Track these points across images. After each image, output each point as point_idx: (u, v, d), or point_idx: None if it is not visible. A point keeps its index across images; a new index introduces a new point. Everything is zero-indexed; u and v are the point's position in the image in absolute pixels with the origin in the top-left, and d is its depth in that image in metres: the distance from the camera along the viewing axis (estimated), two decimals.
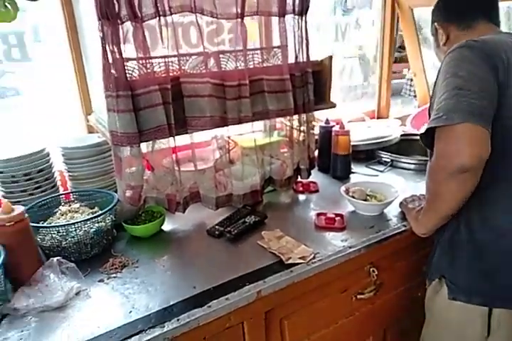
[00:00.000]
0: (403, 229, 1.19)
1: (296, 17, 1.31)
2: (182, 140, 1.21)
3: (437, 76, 1.03)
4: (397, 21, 2.23)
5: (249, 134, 1.35)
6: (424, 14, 2.38)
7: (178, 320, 0.83)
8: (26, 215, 0.97)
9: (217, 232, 1.16)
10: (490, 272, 1.01)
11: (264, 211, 1.31)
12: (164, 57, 1.14)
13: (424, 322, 1.21)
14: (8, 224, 0.92)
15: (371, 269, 1.17)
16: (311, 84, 1.40)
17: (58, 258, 0.97)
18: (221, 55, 1.23)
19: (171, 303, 0.88)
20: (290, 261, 1.02)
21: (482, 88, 0.91)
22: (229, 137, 1.34)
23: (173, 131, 1.15)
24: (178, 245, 1.15)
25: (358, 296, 1.18)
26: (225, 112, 1.24)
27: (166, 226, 1.24)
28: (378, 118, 2.25)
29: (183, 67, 1.20)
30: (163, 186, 1.22)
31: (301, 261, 1.03)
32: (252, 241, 1.13)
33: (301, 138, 1.46)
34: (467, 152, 0.87)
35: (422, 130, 1.01)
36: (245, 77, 1.23)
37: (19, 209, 0.96)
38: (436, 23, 1.19)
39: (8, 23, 0.93)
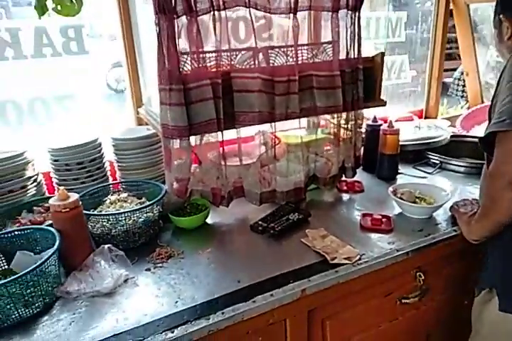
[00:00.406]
0: (454, 233, 1.14)
1: (350, 12, 1.27)
2: (228, 134, 1.22)
3: (500, 77, 0.97)
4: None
5: (294, 131, 1.34)
6: (481, 10, 2.27)
7: (223, 313, 0.84)
8: (80, 203, 1.01)
9: (260, 228, 1.16)
10: None
11: (307, 209, 1.30)
12: (215, 51, 1.14)
13: (470, 331, 1.16)
14: (64, 210, 0.96)
15: (418, 274, 1.14)
16: (361, 81, 1.37)
17: (109, 245, 1.00)
18: (270, 51, 1.23)
19: (216, 296, 0.89)
20: (335, 261, 1.01)
21: None
22: (273, 133, 1.34)
23: (221, 125, 1.16)
24: (222, 238, 1.16)
25: (403, 300, 1.14)
26: (272, 108, 1.23)
27: (210, 220, 1.25)
28: (426, 118, 2.18)
29: (232, 62, 1.20)
30: (208, 179, 1.23)
31: (347, 261, 1.01)
32: (296, 238, 1.13)
33: (347, 136, 1.43)
34: None
35: (481, 133, 0.96)
36: (295, 73, 1.22)
37: (74, 196, 0.99)
38: (501, 15, 1.08)
39: (72, 17, 0.96)
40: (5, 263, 0.98)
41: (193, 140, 1.16)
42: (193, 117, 1.11)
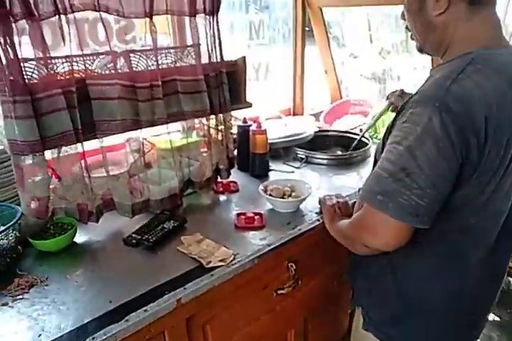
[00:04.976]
0: (317, 223, 1.25)
1: (208, 17, 1.30)
2: (92, 143, 1.16)
3: (398, 114, 0.85)
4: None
5: (165, 135, 1.32)
6: (331, 14, 2.51)
7: (93, 338, 0.80)
8: None
9: (134, 241, 1.12)
10: (400, 318, 0.99)
11: (184, 214, 1.30)
12: (67, 57, 1.07)
13: (342, 308, 1.28)
14: None
15: (289, 264, 1.22)
16: (226, 84, 1.41)
17: None
18: (131, 55, 1.19)
19: (86, 321, 0.84)
20: (211, 265, 1.03)
21: (431, 183, 0.77)
22: (145, 139, 1.30)
23: (80, 136, 1.09)
24: (93, 257, 1.09)
25: (279, 291, 1.22)
26: (137, 115, 1.20)
27: (79, 238, 1.17)
28: (294, 115, 2.33)
29: (89, 68, 1.14)
30: (72, 195, 1.15)
31: (222, 263, 1.04)
32: (172, 247, 1.12)
33: (219, 138, 1.47)
34: (388, 244, 0.83)
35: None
36: (157, 78, 1.20)
37: None
38: None
39: None
40: None
41: (49, 153, 1.07)
42: (46, 130, 1.03)
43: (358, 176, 1.62)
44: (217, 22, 1.34)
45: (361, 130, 1.91)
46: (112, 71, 1.16)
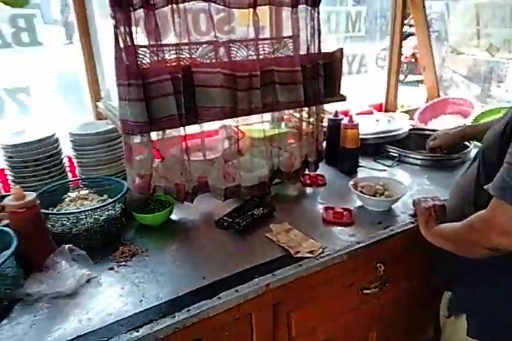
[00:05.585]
0: (411, 226, 1.19)
1: (309, 8, 1.28)
2: (191, 128, 1.21)
3: None
4: None
5: (257, 125, 1.34)
6: (434, 6, 2.36)
7: (188, 310, 0.84)
8: (38, 202, 0.97)
9: (225, 223, 1.16)
10: None
11: (271, 203, 1.31)
12: (175, 45, 1.13)
13: (428, 316, 1.20)
14: (20, 210, 0.92)
15: (378, 265, 1.18)
16: (322, 76, 1.39)
17: (69, 245, 0.98)
18: (231, 44, 1.22)
19: (181, 294, 0.89)
20: (299, 255, 1.03)
21: None
22: (237, 127, 1.34)
23: (183, 120, 1.15)
24: (187, 235, 1.15)
25: (365, 291, 1.18)
26: (235, 103, 1.23)
27: (175, 216, 1.24)
28: (386, 111, 2.24)
29: (193, 56, 1.19)
30: (172, 175, 1.22)
31: (310, 255, 1.03)
32: (261, 233, 1.14)
33: (309, 131, 1.45)
34: None
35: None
36: (256, 68, 1.22)
37: (31, 195, 0.96)
38: None
39: (20, 7, 0.91)
40: None
41: (154, 135, 1.15)
42: (154, 113, 1.10)
43: (455, 179, 1.50)
44: (318, 13, 1.32)
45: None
46: (213, 60, 1.20)
